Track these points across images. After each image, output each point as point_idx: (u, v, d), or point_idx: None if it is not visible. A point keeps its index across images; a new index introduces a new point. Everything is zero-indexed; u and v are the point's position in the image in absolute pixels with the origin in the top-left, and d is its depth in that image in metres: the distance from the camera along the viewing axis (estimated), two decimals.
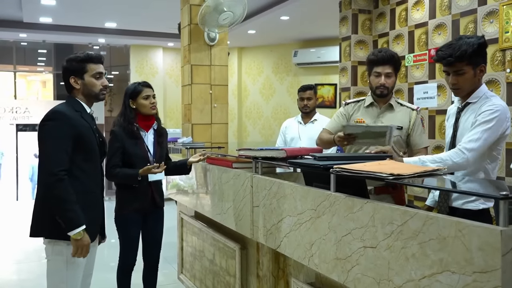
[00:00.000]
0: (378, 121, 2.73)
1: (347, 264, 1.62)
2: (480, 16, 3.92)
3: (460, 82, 2.21)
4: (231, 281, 2.89)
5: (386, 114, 2.74)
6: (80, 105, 2.37)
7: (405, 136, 2.72)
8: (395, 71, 2.72)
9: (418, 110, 2.76)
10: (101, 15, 7.61)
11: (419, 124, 2.72)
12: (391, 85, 2.71)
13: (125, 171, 2.97)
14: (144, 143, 3.09)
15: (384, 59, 2.67)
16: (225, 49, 5.02)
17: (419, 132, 2.72)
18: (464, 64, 2.16)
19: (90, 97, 2.40)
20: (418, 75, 4.64)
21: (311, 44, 9.12)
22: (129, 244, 3.10)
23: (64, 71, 2.38)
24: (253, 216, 2.36)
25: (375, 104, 2.78)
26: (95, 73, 2.36)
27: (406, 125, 2.71)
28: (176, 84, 9.85)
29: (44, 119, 2.28)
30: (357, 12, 5.31)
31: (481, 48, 2.17)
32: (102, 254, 4.84)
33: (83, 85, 2.35)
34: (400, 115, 2.73)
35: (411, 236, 1.37)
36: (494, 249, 1.14)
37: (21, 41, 9.22)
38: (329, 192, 1.74)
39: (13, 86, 9.35)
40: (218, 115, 4.95)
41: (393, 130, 2.35)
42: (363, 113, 2.80)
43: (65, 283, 2.28)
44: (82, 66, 2.34)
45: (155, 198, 3.11)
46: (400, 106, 2.77)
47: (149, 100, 3.05)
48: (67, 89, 2.41)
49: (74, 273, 2.30)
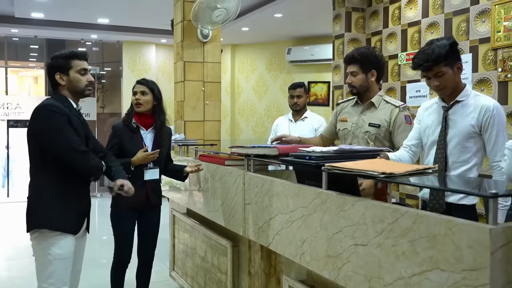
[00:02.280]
0: (360, 119, 2.79)
1: (338, 262, 1.63)
2: (473, 16, 3.93)
3: (442, 82, 2.27)
4: (222, 278, 2.90)
5: (367, 112, 2.79)
6: (67, 100, 2.42)
7: (387, 133, 2.73)
8: (363, 69, 2.74)
9: (401, 107, 2.74)
10: (93, 11, 7.55)
11: (401, 121, 2.70)
12: (358, 83, 2.76)
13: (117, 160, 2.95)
14: (143, 141, 3.06)
15: (346, 59, 2.81)
16: (218, 46, 5.01)
17: (402, 129, 2.69)
18: (441, 66, 2.23)
19: (76, 93, 2.45)
20: (411, 73, 4.66)
21: (305, 41, 9.12)
22: (124, 241, 3.08)
23: (49, 68, 2.43)
24: (245, 214, 2.36)
25: (359, 102, 2.86)
26: (80, 69, 2.42)
27: (386, 123, 2.71)
28: (169, 81, 9.81)
29: (41, 112, 2.32)
30: (351, 10, 5.31)
31: (453, 47, 2.25)
32: (93, 250, 4.83)
33: (69, 81, 2.41)
34: (382, 112, 2.75)
35: (402, 234, 1.37)
36: (483, 247, 1.15)
37: (12, 36, 9.13)
38: (320, 190, 1.74)
39: (4, 82, 9.27)
40: (211, 112, 4.94)
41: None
42: (349, 112, 2.89)
43: (54, 278, 2.31)
44: (67, 63, 2.40)
45: (150, 197, 3.07)
46: (384, 104, 2.78)
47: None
48: (52, 86, 2.46)
49: (62, 267, 2.33)
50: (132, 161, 2.91)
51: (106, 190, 9.49)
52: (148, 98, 3.05)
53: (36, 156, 2.37)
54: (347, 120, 2.87)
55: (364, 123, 2.78)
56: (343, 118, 2.90)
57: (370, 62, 2.75)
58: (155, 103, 3.08)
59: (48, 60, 2.46)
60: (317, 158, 1.79)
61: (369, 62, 2.75)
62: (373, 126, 2.73)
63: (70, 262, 2.37)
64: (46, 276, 2.32)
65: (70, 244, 2.36)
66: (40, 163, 2.36)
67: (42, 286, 2.34)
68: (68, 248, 2.35)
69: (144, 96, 3.03)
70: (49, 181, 2.34)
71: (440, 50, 2.21)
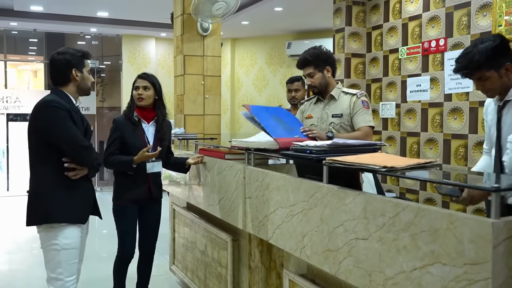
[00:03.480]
0: (324, 113, 2.93)
1: (339, 256, 1.63)
2: (474, 9, 3.92)
3: (487, 85, 2.12)
4: (222, 272, 2.90)
5: (330, 105, 2.93)
6: (68, 97, 2.46)
7: (349, 120, 2.87)
8: (318, 69, 2.87)
9: (358, 94, 2.88)
10: (93, 4, 7.51)
11: (359, 105, 2.85)
12: (317, 82, 2.90)
13: (120, 157, 2.96)
14: (144, 134, 3.07)
15: (299, 64, 2.92)
16: (218, 39, 4.99)
17: (359, 112, 2.85)
18: (484, 71, 2.08)
19: (83, 90, 2.54)
20: (411, 68, 4.65)
21: (305, 35, 9.09)
22: (126, 234, 3.09)
23: (65, 63, 2.46)
24: (245, 208, 2.36)
25: (320, 98, 3.00)
26: (89, 69, 2.57)
27: (347, 111, 2.87)
28: (168, 75, 9.78)
29: (43, 108, 2.36)
30: (351, 4, 5.29)
31: (497, 50, 2.07)
32: (93, 244, 4.83)
33: (82, 78, 2.50)
34: (342, 102, 2.90)
35: (403, 228, 1.37)
36: (485, 241, 1.15)
37: (11, 30, 9.09)
38: (321, 183, 1.74)
39: (4, 76, 9.24)
40: (211, 106, 4.93)
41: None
42: (312, 109, 3.04)
43: (62, 268, 2.36)
44: (82, 61, 2.51)
45: (152, 190, 3.08)
46: (344, 95, 2.93)
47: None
48: (59, 81, 2.48)
49: (69, 257, 2.38)
50: (134, 160, 2.92)
51: (106, 185, 9.50)
52: (150, 93, 3.07)
53: (38, 150, 2.39)
54: (312, 117, 3.00)
55: (327, 116, 2.91)
56: (308, 115, 3.04)
57: (322, 60, 2.88)
58: (156, 97, 3.10)
59: (61, 56, 2.47)
60: (318, 152, 1.79)
61: (321, 60, 2.87)
62: (336, 116, 2.87)
63: (77, 252, 2.42)
64: (54, 266, 2.37)
65: (76, 234, 2.41)
66: (42, 157, 2.38)
67: (50, 276, 2.39)
68: (75, 239, 2.40)
69: (146, 91, 3.05)
70: (51, 174, 2.37)
71: (479, 57, 2.05)
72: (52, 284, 2.38)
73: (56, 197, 2.36)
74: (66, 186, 2.38)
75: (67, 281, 2.37)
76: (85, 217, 2.49)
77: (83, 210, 2.48)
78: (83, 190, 2.48)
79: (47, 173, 2.38)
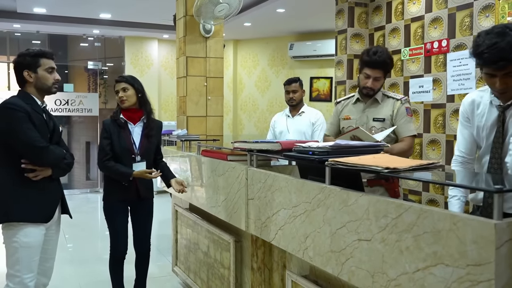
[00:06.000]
0: (364, 115, 2.83)
1: (342, 257, 1.63)
2: (476, 10, 3.91)
3: (510, 84, 1.88)
4: (225, 274, 2.90)
5: (371, 108, 2.83)
6: (31, 98, 2.49)
7: (391, 126, 2.77)
8: (385, 74, 2.79)
9: (402, 99, 2.80)
10: (95, 6, 7.53)
11: (402, 113, 2.76)
12: (377, 87, 2.79)
13: (118, 167, 3.02)
14: (130, 135, 3.12)
15: (376, 63, 2.72)
16: (221, 41, 5.00)
17: (403, 121, 2.76)
18: None
19: (43, 90, 2.54)
20: (414, 69, 4.64)
21: (307, 37, 9.09)
22: (117, 232, 3.14)
23: (17, 65, 2.51)
24: (247, 209, 2.36)
25: (361, 99, 2.88)
26: (48, 67, 2.53)
27: (389, 116, 2.77)
28: (171, 76, 9.80)
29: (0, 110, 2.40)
30: (354, 5, 5.29)
31: None
32: (95, 246, 4.83)
33: (36, 78, 2.50)
34: (385, 107, 2.81)
35: (406, 229, 1.37)
36: (488, 242, 1.14)
37: (14, 32, 9.13)
38: (324, 185, 1.74)
39: (7, 77, 9.27)
40: (213, 108, 4.94)
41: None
42: (351, 109, 2.91)
43: (20, 265, 2.42)
44: (35, 61, 2.49)
45: (140, 190, 3.12)
46: (386, 99, 2.83)
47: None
48: (18, 83, 2.54)
49: (28, 255, 2.43)
50: (133, 174, 3.00)
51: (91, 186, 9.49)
52: (130, 93, 3.14)
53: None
54: (350, 118, 2.91)
55: (368, 119, 2.82)
56: (346, 116, 2.93)
57: (390, 66, 2.80)
58: (139, 95, 3.16)
59: (15, 58, 2.53)
60: (321, 153, 1.79)
61: (390, 66, 2.79)
62: (378, 120, 2.78)
63: (37, 250, 2.46)
64: (12, 262, 2.43)
65: (37, 233, 2.45)
66: (1, 158, 2.43)
67: (9, 273, 2.45)
68: (36, 238, 2.45)
69: (126, 92, 3.13)
70: (11, 175, 2.42)
71: None
72: (10, 281, 2.44)
73: (16, 198, 2.40)
74: (26, 187, 2.41)
75: (24, 278, 2.43)
76: (47, 217, 2.51)
77: (45, 210, 2.51)
78: (47, 190, 2.51)
79: (7, 174, 2.43)
